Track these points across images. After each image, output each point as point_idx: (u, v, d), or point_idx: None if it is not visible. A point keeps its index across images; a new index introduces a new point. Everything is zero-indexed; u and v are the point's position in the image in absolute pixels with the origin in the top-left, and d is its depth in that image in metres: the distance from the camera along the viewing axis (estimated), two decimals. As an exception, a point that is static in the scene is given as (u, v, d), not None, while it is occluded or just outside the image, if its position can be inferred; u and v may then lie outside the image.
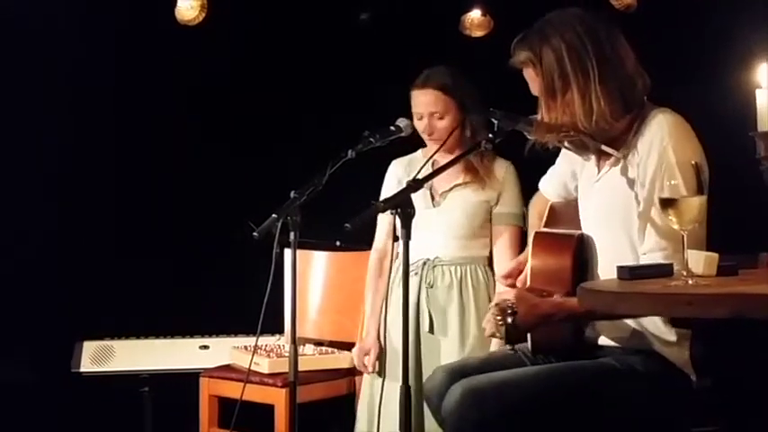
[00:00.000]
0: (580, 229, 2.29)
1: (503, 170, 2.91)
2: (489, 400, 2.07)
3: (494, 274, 2.91)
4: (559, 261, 2.19)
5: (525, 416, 2.09)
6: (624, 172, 2.15)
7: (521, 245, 2.88)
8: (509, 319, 2.10)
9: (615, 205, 2.16)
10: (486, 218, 2.92)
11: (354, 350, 3.06)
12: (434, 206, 2.92)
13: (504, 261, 2.87)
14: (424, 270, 2.90)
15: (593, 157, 2.25)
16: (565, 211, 2.38)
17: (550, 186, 2.45)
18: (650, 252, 2.07)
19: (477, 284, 2.90)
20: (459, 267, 2.90)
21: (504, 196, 2.90)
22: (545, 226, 2.40)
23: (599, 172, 2.23)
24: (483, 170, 2.88)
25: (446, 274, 2.90)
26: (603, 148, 2.17)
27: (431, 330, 2.88)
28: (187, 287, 3.69)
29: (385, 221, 3.03)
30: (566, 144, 2.22)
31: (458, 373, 2.24)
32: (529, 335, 2.23)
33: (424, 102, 2.90)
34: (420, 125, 2.91)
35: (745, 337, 1.86)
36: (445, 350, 2.86)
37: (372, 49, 3.79)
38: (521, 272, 2.34)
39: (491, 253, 2.94)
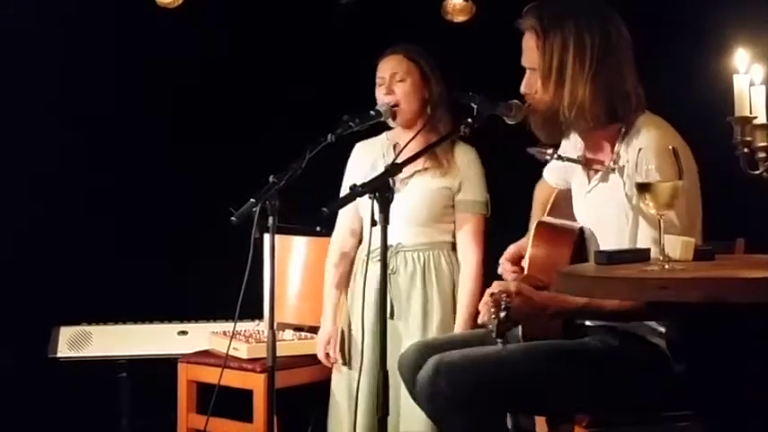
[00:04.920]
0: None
1: (465, 156, 2.90)
2: (462, 374, 2.09)
3: (458, 260, 2.91)
4: (558, 253, 2.20)
5: (497, 391, 2.10)
6: (613, 187, 2.18)
7: (484, 233, 2.89)
8: (501, 314, 2.08)
9: (607, 218, 2.19)
10: (448, 204, 2.90)
11: (317, 340, 3.03)
12: (395, 192, 2.90)
13: (466, 249, 2.88)
14: (387, 256, 2.88)
15: (582, 167, 2.28)
16: (569, 201, 2.39)
17: (553, 174, 2.47)
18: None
19: (440, 271, 2.89)
20: (421, 254, 2.90)
21: (466, 183, 2.89)
22: (549, 214, 2.41)
23: (589, 183, 2.26)
24: (443, 156, 2.87)
25: (409, 260, 2.89)
26: (594, 166, 2.21)
27: (392, 316, 2.87)
28: (165, 272, 3.67)
29: (348, 208, 2.99)
30: (561, 156, 2.27)
31: (430, 348, 2.27)
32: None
33: (385, 66, 2.92)
34: (381, 92, 2.89)
35: (720, 322, 1.87)
36: (407, 336, 2.85)
37: (353, 33, 3.77)
38: (522, 257, 2.34)
39: (455, 238, 2.93)
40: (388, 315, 2.83)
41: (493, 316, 2.09)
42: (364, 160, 2.98)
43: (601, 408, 2.15)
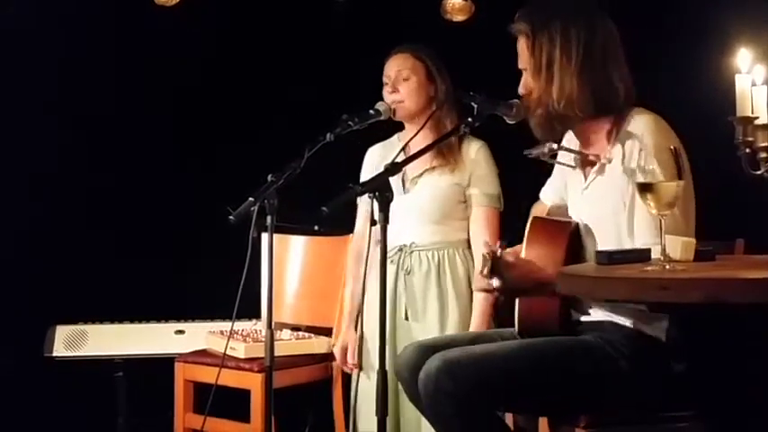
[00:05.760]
0: None
1: (474, 150, 2.89)
2: (464, 372, 2.09)
3: (473, 257, 2.89)
4: (554, 247, 2.21)
5: (499, 388, 2.11)
6: (609, 178, 2.19)
7: (497, 227, 2.87)
8: (498, 252, 2.13)
9: (604, 213, 2.20)
10: (460, 200, 2.90)
11: (335, 349, 3.03)
12: (405, 192, 2.91)
13: (478, 243, 2.85)
14: (401, 257, 2.89)
15: (578, 168, 2.29)
16: (562, 211, 2.40)
17: (551, 193, 2.49)
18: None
19: (455, 269, 2.88)
20: (436, 252, 2.89)
21: (475, 176, 2.88)
22: None
23: (585, 179, 2.27)
24: (450, 152, 2.87)
25: (423, 260, 2.88)
26: (590, 156, 2.22)
27: (406, 317, 2.87)
28: (162, 272, 3.66)
29: (363, 207, 3.01)
30: (557, 159, 2.30)
31: (429, 348, 2.26)
32: (516, 317, 2.23)
33: (391, 65, 2.93)
34: (387, 90, 2.90)
35: (720, 322, 1.87)
36: (424, 336, 2.81)
37: (352, 33, 3.76)
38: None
39: (470, 235, 2.92)
40: (402, 316, 2.85)
41: (488, 257, 2.13)
42: (377, 163, 2.97)
43: (600, 406, 2.14)
